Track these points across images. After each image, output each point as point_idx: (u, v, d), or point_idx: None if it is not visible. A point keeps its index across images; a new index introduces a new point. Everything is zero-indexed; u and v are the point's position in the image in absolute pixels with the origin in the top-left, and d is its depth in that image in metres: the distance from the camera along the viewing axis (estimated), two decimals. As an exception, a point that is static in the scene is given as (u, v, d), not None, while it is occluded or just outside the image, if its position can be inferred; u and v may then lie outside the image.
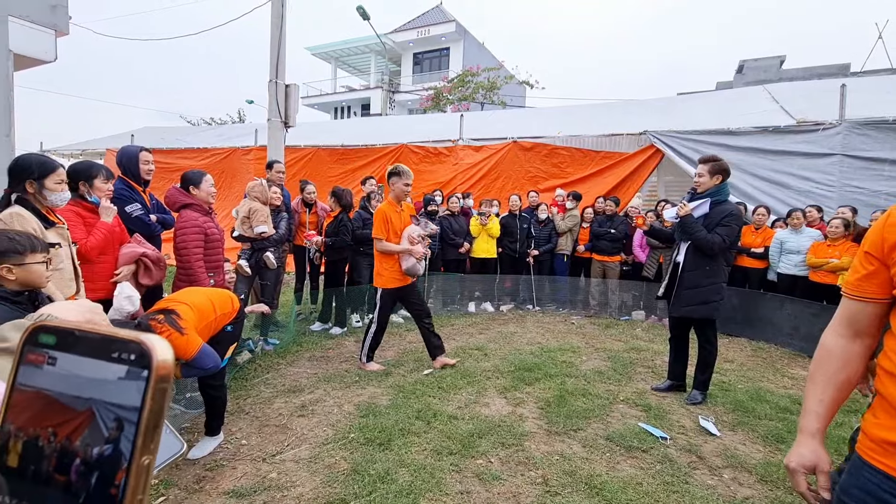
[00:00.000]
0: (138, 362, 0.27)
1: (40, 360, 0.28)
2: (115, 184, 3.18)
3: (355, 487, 2.29)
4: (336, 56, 28.81)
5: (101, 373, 0.27)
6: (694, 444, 2.83)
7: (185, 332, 2.20)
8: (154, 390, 0.26)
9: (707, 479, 2.49)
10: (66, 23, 5.60)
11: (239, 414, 3.11)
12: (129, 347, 0.27)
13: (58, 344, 0.28)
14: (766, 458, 2.69)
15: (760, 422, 3.16)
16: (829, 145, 6.06)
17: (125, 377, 0.27)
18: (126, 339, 0.27)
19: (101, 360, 0.27)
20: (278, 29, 6.38)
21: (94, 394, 0.27)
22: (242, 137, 10.63)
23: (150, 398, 0.26)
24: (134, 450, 0.26)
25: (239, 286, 4.25)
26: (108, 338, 0.27)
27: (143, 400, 0.26)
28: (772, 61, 17.93)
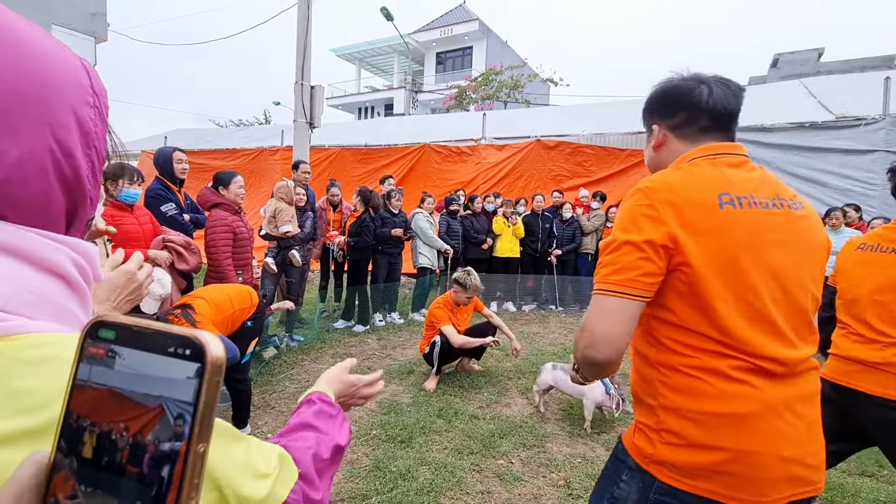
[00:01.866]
0: (193, 357, 0.28)
1: (101, 354, 0.29)
2: (152, 184, 3.31)
3: (377, 483, 2.32)
4: (360, 57, 29.16)
5: (159, 367, 0.28)
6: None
7: (197, 326, 2.31)
8: (208, 383, 0.28)
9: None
10: (104, 30, 5.86)
11: (265, 408, 3.19)
12: (185, 342, 0.28)
13: (117, 338, 0.29)
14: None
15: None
16: (872, 141, 5.78)
17: (181, 371, 0.28)
18: (180, 335, 0.29)
19: (159, 354, 0.29)
20: (304, 31, 6.50)
21: (153, 387, 0.28)
22: (269, 138, 10.87)
23: (206, 391, 0.28)
24: (191, 438, 0.27)
25: (265, 283, 4.36)
26: (164, 333, 0.29)
27: (198, 392, 0.28)
28: (809, 54, 17.21)
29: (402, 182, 8.47)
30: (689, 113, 1.01)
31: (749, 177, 0.95)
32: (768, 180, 0.97)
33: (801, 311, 0.93)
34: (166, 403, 0.28)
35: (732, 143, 1.00)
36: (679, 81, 1.03)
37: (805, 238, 0.94)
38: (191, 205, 3.63)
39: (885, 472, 2.56)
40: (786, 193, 0.96)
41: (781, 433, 0.87)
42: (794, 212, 0.94)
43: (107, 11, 5.80)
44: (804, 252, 0.94)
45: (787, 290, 0.90)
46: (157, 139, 11.54)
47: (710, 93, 0.97)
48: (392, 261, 5.46)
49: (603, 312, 0.89)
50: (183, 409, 0.28)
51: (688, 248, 0.87)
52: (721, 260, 0.87)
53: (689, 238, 0.87)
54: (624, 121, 8.08)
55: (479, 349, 3.87)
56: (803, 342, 0.94)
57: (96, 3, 5.65)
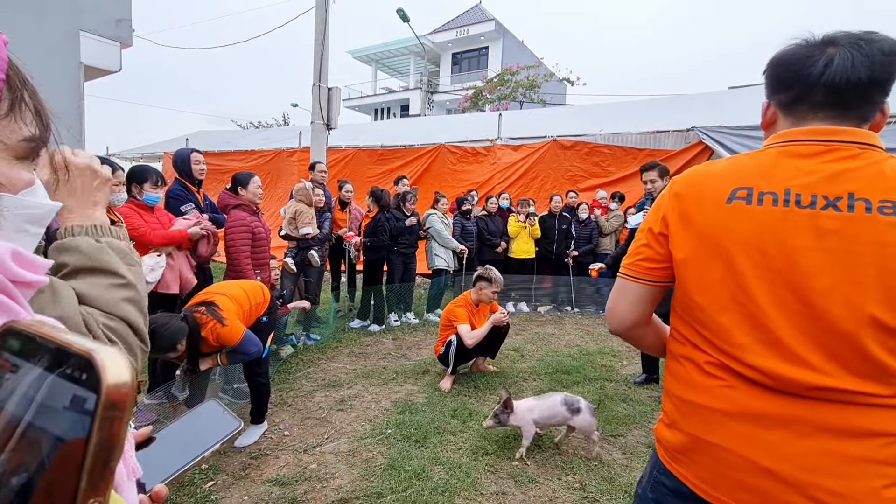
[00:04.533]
0: (87, 383, 0.22)
1: (4, 367, 0.24)
2: (171, 185, 3.39)
3: (391, 482, 2.33)
4: (376, 58, 29.37)
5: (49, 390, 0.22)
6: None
7: (226, 322, 2.37)
8: (101, 419, 0.21)
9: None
10: (129, 35, 6.02)
11: (282, 406, 3.23)
12: (80, 363, 0.22)
13: (21, 350, 0.24)
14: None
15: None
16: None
17: (73, 399, 0.22)
18: (77, 352, 0.22)
19: (51, 373, 0.23)
20: (322, 34, 6.58)
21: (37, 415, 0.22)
22: (287, 140, 11.03)
23: (98, 429, 0.21)
24: (77, 491, 0.21)
25: (285, 283, 4.43)
26: (62, 348, 0.23)
27: (90, 430, 0.21)
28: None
29: (418, 182, 8.50)
30: (801, 87, 0.83)
31: (815, 169, 0.80)
32: (850, 176, 0.78)
33: (838, 333, 0.76)
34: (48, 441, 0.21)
35: (834, 129, 0.82)
36: (796, 48, 0.85)
37: (884, 251, 0.74)
38: (209, 205, 3.71)
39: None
40: (874, 195, 0.76)
41: (765, 443, 0.81)
42: (872, 216, 0.75)
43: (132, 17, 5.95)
44: (871, 266, 0.74)
45: (813, 303, 0.77)
46: (179, 141, 11.81)
47: (830, 62, 0.79)
48: (407, 261, 5.49)
49: (614, 290, 1.02)
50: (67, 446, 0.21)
51: (675, 239, 0.89)
52: (709, 254, 0.84)
53: (680, 229, 0.88)
54: (642, 120, 7.97)
55: (495, 347, 3.86)
56: (842, 370, 0.77)
57: (122, 8, 5.80)
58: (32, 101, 0.48)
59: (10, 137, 0.46)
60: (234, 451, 2.63)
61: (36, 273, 0.44)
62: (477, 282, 3.80)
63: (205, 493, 2.25)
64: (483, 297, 3.78)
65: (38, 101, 0.48)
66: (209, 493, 2.24)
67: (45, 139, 0.49)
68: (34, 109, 0.48)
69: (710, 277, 0.85)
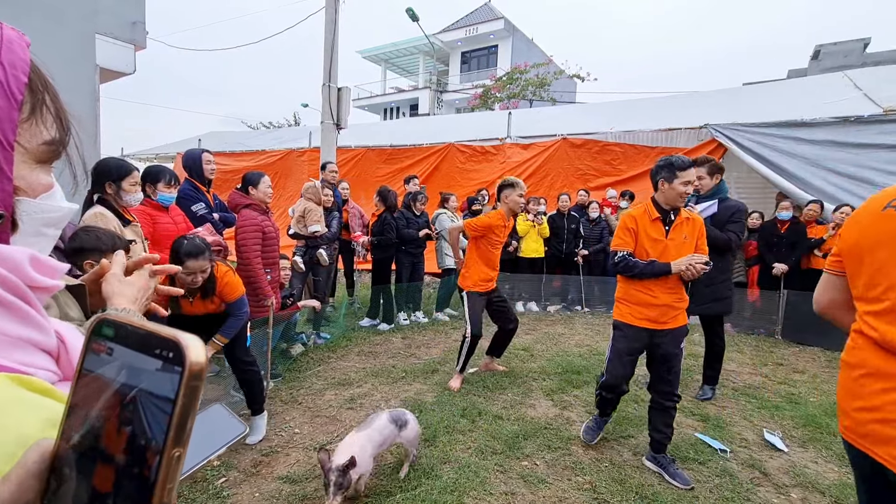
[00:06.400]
0: (175, 359, 0.29)
1: (101, 350, 0.31)
2: (182, 185, 3.42)
3: (401, 481, 2.33)
4: (385, 58, 29.42)
5: (146, 366, 0.30)
6: (757, 460, 2.64)
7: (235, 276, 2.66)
8: (186, 387, 0.28)
9: (772, 497, 2.31)
10: (143, 38, 6.10)
11: (293, 404, 3.26)
12: (168, 345, 0.29)
13: (115, 336, 0.31)
14: (840, 479, 2.46)
15: (835, 439, 2.89)
16: (923, 136, 5.44)
17: (162, 371, 0.29)
18: (165, 337, 0.29)
19: (146, 354, 0.30)
20: (331, 34, 6.61)
21: (140, 384, 0.29)
22: (297, 140, 11.10)
23: (182, 395, 0.28)
24: (166, 441, 0.28)
25: (294, 282, 4.46)
26: (151, 334, 0.30)
27: (175, 395, 0.28)
28: (853, 45, 16.34)
29: (427, 181, 8.50)
30: None
31: None
32: None
33: None
34: (147, 404, 0.29)
35: None
36: None
37: None
38: (219, 204, 3.74)
39: None
40: None
41: None
42: None
43: (146, 20, 6.03)
44: None
45: None
46: (192, 142, 11.96)
47: None
48: (415, 260, 5.49)
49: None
50: (160, 412, 0.28)
51: (842, 238, 1.23)
52: (859, 248, 1.14)
53: (846, 231, 1.22)
54: (654, 117, 7.87)
55: (502, 347, 3.88)
56: None
57: (136, 11, 5.89)
58: (54, 105, 0.48)
59: (31, 141, 0.46)
60: (245, 447, 2.65)
61: (53, 278, 0.46)
62: (500, 192, 3.53)
63: (216, 489, 2.27)
64: (512, 204, 3.48)
65: (59, 104, 0.48)
66: (220, 490, 2.27)
67: (65, 143, 0.50)
68: (55, 113, 0.48)
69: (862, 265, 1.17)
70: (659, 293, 2.40)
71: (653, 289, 2.40)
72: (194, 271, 2.38)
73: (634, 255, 2.44)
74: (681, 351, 2.48)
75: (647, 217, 2.43)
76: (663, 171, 2.39)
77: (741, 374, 4.05)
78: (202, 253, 2.39)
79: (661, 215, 2.42)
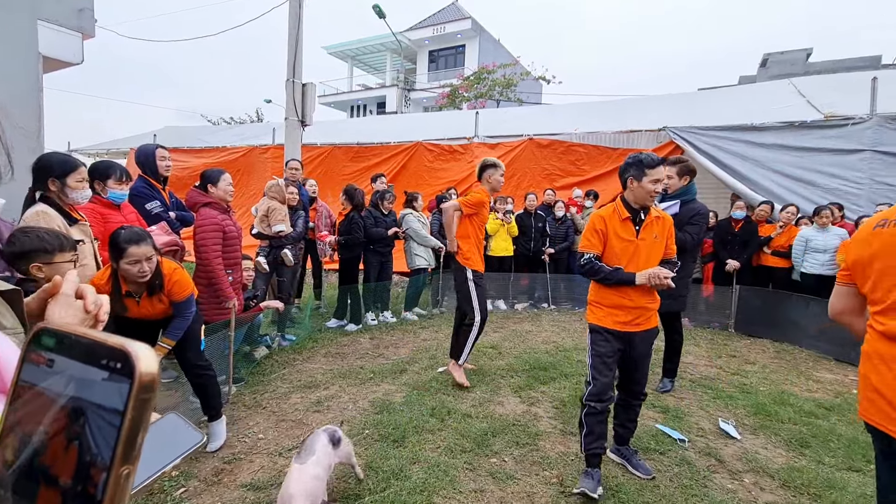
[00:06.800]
0: (123, 370, 0.27)
1: (41, 361, 0.29)
2: (134, 182, 3.25)
3: (369, 483, 2.30)
4: (352, 55, 29.00)
5: (91, 377, 0.28)
6: (713, 448, 2.77)
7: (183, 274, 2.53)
8: (136, 399, 0.26)
9: (727, 483, 2.43)
10: (92, 26, 5.76)
11: (256, 409, 3.16)
12: (115, 354, 0.27)
13: (57, 346, 0.29)
14: (788, 463, 2.62)
15: (783, 426, 3.08)
16: (859, 140, 5.85)
17: (110, 383, 0.27)
18: (112, 346, 0.27)
19: (91, 365, 0.28)
20: (295, 28, 6.45)
21: (85, 397, 0.27)
22: (260, 136, 10.79)
23: (132, 408, 0.26)
24: (114, 457, 0.26)
25: (258, 282, 4.32)
26: (97, 343, 0.28)
27: (124, 408, 0.26)
28: (798, 54, 17.39)
29: (394, 180, 8.44)
30: None
31: None
32: None
33: None
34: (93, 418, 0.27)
35: None
36: None
37: None
38: (176, 202, 3.58)
39: (872, 466, 2.59)
40: None
41: None
42: None
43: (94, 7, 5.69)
44: None
45: None
46: (146, 137, 11.39)
47: None
48: (383, 259, 5.44)
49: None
50: (108, 426, 0.26)
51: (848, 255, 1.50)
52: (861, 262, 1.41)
53: (850, 249, 1.49)
54: (616, 120, 8.11)
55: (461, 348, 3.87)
56: None
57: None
58: None
59: None
60: (205, 455, 2.55)
61: None
62: (482, 172, 3.61)
63: (175, 500, 2.17)
64: (494, 183, 3.60)
65: None
66: (180, 501, 2.17)
67: None
68: None
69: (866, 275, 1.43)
70: (633, 295, 2.32)
71: (627, 291, 2.32)
72: (139, 259, 2.24)
73: (602, 257, 2.36)
74: (651, 352, 2.47)
75: (617, 217, 2.34)
76: (632, 169, 2.33)
77: (698, 366, 4.24)
78: (143, 239, 2.27)
79: (632, 215, 2.34)
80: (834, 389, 3.80)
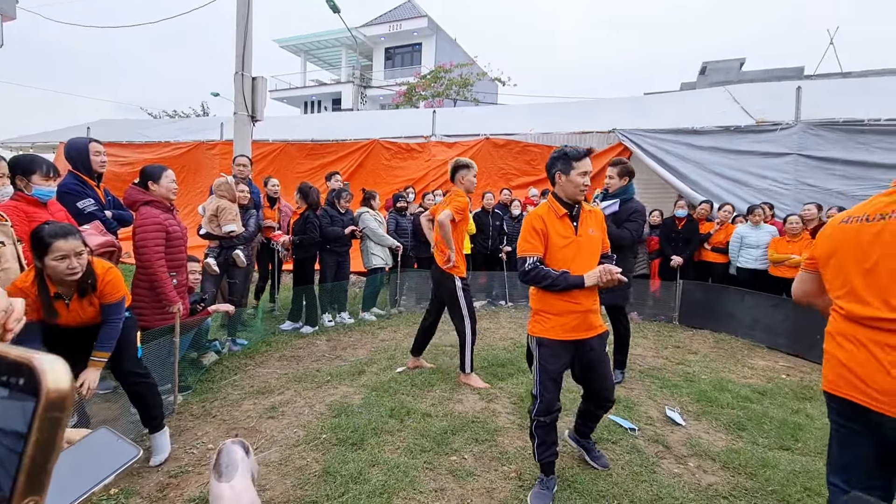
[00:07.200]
0: (27, 386, 0.23)
1: None
2: (64, 179, 3.00)
3: (327, 489, 2.25)
4: (305, 49, 28.19)
5: None
6: (661, 435, 2.91)
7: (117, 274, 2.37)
8: (42, 420, 0.23)
9: (673, 467, 2.57)
10: (12, 6, 5.26)
11: (205, 418, 3.00)
12: (18, 369, 0.23)
13: None
14: (728, 446, 2.80)
15: (723, 411, 3.29)
16: (786, 145, 6.35)
17: (10, 402, 0.23)
18: (14, 360, 0.24)
19: None
20: (244, 19, 6.18)
21: None
22: (207, 131, 10.26)
23: (37, 429, 0.23)
24: (14, 487, 0.22)
25: (206, 285, 4.11)
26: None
27: (28, 430, 0.22)
28: (732, 63, 18.63)
29: (351, 178, 8.29)
30: None
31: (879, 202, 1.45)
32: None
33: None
34: None
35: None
36: None
37: None
38: (112, 201, 3.34)
39: (800, 444, 2.83)
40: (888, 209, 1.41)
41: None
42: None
43: (14, -14, 5.19)
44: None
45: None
46: (79, 130, 10.56)
47: None
48: (340, 259, 5.32)
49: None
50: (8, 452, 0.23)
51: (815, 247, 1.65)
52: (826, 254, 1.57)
53: (818, 242, 1.63)
54: (568, 121, 8.37)
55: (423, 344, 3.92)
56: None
57: (0, -24, 5.05)
58: None
59: None
60: (149, 470, 2.40)
61: None
62: (455, 174, 3.58)
63: (114, 520, 2.03)
64: (467, 184, 3.58)
65: None
66: (119, 521, 2.03)
67: None
68: None
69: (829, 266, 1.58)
70: (581, 298, 2.16)
71: (575, 294, 2.14)
72: (66, 254, 2.06)
73: (545, 260, 2.18)
74: (608, 356, 2.32)
75: (554, 214, 2.21)
76: (559, 163, 2.22)
77: (646, 357, 4.45)
78: (70, 233, 2.09)
79: (567, 210, 2.22)
80: (766, 375, 4.10)
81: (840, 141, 6.11)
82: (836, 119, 6.18)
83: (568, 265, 2.15)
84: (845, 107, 6.49)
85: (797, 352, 4.69)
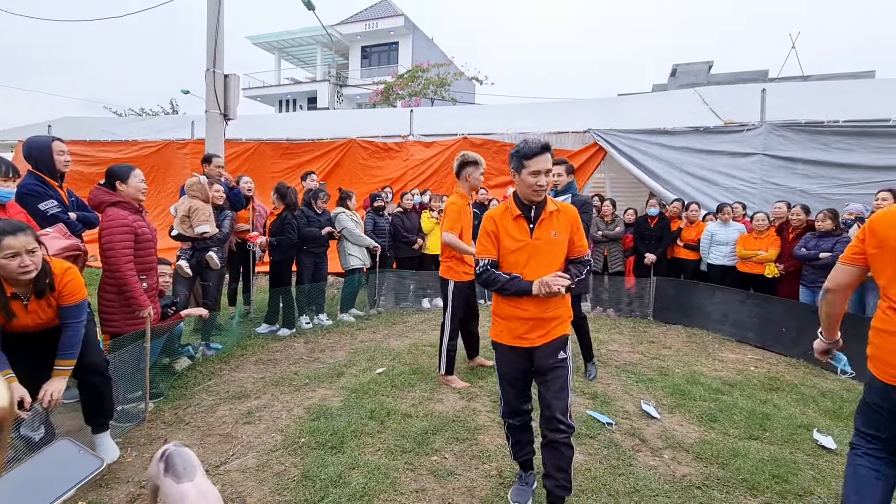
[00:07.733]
0: None
1: None
2: (24, 180, 2.87)
3: (306, 494, 2.21)
4: (280, 47, 27.69)
5: None
6: (637, 428, 2.98)
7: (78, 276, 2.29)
8: None
9: (649, 460, 2.63)
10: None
11: (178, 425, 2.92)
12: None
13: None
14: (701, 437, 2.88)
15: (696, 403, 3.39)
16: (752, 145, 6.58)
17: None
18: None
19: None
20: (216, 14, 6.03)
21: None
22: (176, 130, 9.97)
23: None
24: None
25: (178, 288, 3.99)
26: None
27: None
28: (701, 66, 19.21)
29: (328, 178, 8.19)
30: None
31: None
32: None
33: None
34: None
35: None
36: None
37: None
38: (77, 202, 3.20)
39: (767, 433, 2.94)
40: None
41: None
42: None
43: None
44: None
45: None
46: (39, 128, 10.11)
47: None
48: (318, 260, 5.25)
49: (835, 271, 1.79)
50: None
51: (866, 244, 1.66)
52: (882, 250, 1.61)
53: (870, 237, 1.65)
54: (545, 120, 8.47)
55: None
56: None
57: (-49, -36, 4.78)
58: None
59: None
60: (117, 481, 2.31)
61: None
62: (462, 170, 3.52)
63: (81, 534, 1.95)
64: (473, 181, 3.55)
65: None
66: (87, 535, 1.95)
67: None
68: None
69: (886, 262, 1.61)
70: (528, 305, 2.00)
71: (521, 300, 2.00)
72: (17, 251, 1.94)
73: (499, 263, 2.07)
74: (562, 362, 2.04)
75: (509, 215, 2.05)
76: (513, 162, 2.07)
77: (622, 353, 4.55)
78: (21, 230, 1.98)
79: (523, 211, 2.04)
80: (736, 368, 4.24)
81: (802, 142, 6.37)
82: (799, 120, 6.44)
83: (520, 270, 2.00)
84: (807, 108, 6.77)
85: (764, 344, 4.87)
